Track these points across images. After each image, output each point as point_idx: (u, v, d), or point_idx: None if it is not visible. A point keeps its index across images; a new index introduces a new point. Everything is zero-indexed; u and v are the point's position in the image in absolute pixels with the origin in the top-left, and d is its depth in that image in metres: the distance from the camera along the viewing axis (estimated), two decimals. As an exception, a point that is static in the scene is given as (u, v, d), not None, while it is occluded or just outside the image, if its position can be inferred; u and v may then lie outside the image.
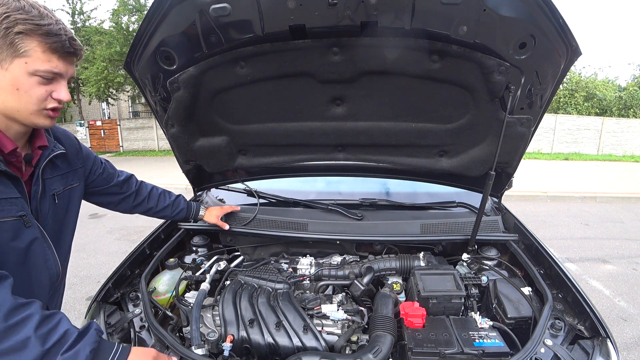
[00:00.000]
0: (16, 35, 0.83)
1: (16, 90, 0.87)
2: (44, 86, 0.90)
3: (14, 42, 0.83)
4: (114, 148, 16.22)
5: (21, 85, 0.87)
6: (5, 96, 0.88)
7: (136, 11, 14.04)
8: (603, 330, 1.14)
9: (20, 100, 0.89)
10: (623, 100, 18.29)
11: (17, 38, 0.83)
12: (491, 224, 1.81)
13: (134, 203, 1.54)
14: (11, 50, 0.84)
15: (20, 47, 0.84)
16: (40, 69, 0.87)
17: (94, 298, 1.36)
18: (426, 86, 1.41)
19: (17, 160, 1.00)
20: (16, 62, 0.85)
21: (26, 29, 0.84)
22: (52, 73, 0.90)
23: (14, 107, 0.90)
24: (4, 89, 0.87)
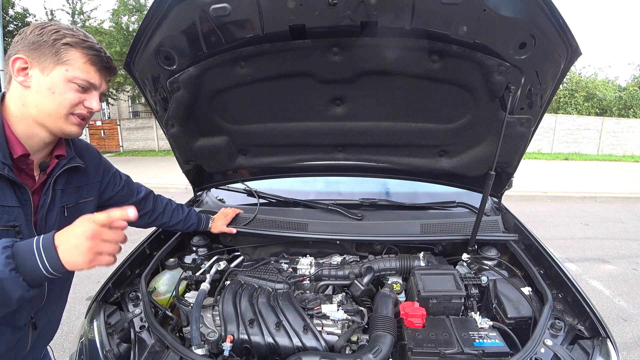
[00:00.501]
0: (62, 45, 0.93)
1: (52, 94, 0.93)
2: (78, 93, 0.97)
3: (59, 51, 0.92)
4: (114, 148, 16.22)
5: (57, 89, 0.93)
6: (40, 99, 0.93)
7: (136, 11, 14.05)
8: (603, 330, 1.14)
9: (53, 102, 0.94)
10: (623, 100, 18.30)
11: (62, 48, 0.93)
12: (491, 224, 1.81)
13: (149, 220, 1.57)
14: (55, 58, 0.92)
15: (63, 56, 0.93)
16: (79, 76, 0.95)
17: (94, 298, 1.36)
18: (426, 86, 1.40)
19: (28, 168, 0.99)
20: (57, 69, 0.93)
21: (72, 41, 0.94)
22: (88, 83, 0.97)
23: (46, 110, 0.94)
24: (40, 92, 0.93)
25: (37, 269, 0.76)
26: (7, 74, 0.96)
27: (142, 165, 11.53)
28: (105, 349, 1.15)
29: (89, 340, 1.19)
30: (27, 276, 0.76)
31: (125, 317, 1.29)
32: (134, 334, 1.22)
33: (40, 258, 0.77)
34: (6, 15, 12.43)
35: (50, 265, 0.77)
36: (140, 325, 1.24)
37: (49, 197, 1.03)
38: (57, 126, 0.97)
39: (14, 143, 0.94)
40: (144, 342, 1.19)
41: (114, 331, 1.23)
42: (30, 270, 0.76)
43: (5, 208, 0.91)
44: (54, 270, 0.78)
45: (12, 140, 0.94)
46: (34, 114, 0.95)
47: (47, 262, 0.77)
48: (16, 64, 0.93)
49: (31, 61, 0.93)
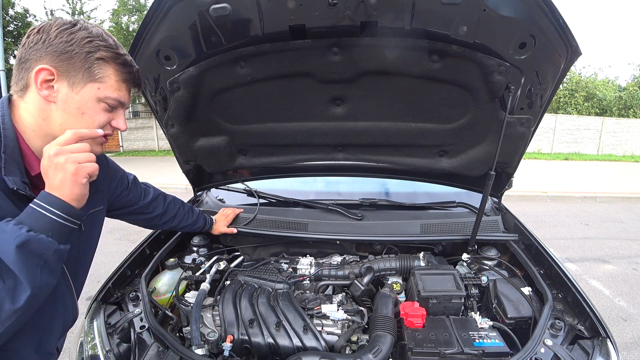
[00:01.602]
0: (96, 60, 0.84)
1: (81, 115, 0.85)
2: (107, 113, 0.90)
3: (92, 67, 0.83)
4: (114, 148, 16.21)
5: (88, 109, 0.86)
6: (67, 118, 0.85)
7: (136, 11, 14.06)
8: (603, 330, 1.14)
9: (82, 124, 0.86)
10: (623, 100, 18.30)
11: (96, 63, 0.84)
12: (491, 224, 1.81)
13: (160, 222, 1.55)
14: (87, 74, 0.83)
15: (97, 73, 0.84)
16: (111, 96, 0.87)
17: (94, 298, 1.36)
18: (426, 86, 1.40)
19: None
20: (89, 86, 0.84)
21: (107, 56, 0.85)
22: (118, 102, 0.90)
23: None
24: (68, 111, 0.84)
25: (49, 219, 0.76)
26: (23, 81, 0.84)
27: (142, 165, 11.53)
28: (105, 349, 1.15)
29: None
30: (46, 231, 0.75)
31: (125, 317, 1.29)
32: (134, 334, 1.22)
33: (43, 208, 0.76)
34: (6, 15, 12.43)
35: (57, 207, 0.77)
36: (141, 325, 1.24)
37: None
38: None
39: (31, 159, 0.86)
40: (144, 342, 1.19)
41: (114, 331, 1.23)
42: (45, 224, 0.75)
43: None
44: (63, 212, 0.77)
45: (29, 155, 0.86)
46: (57, 132, 0.84)
47: (52, 207, 0.77)
48: (40, 75, 0.81)
49: (59, 74, 0.82)
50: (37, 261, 0.73)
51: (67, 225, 0.79)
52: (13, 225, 0.72)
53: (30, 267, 0.72)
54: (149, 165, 11.64)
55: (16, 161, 0.82)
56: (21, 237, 0.71)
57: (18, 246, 0.70)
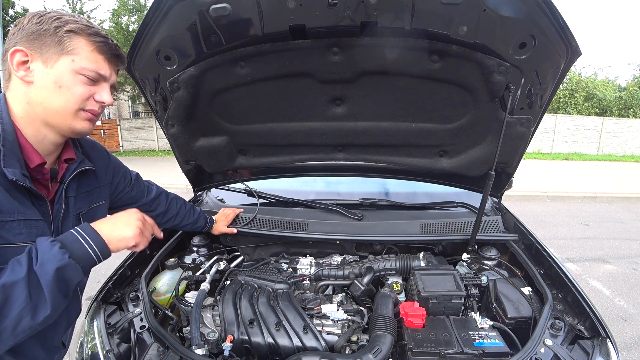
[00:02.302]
0: (65, 33, 0.84)
1: (59, 88, 0.84)
2: (88, 86, 0.89)
3: (62, 40, 0.83)
4: (114, 148, 16.20)
5: (64, 82, 0.85)
6: (46, 95, 0.85)
7: (136, 11, 14.05)
8: (603, 330, 1.14)
9: (61, 98, 0.85)
10: (623, 100, 18.30)
11: (66, 36, 0.84)
12: (491, 224, 1.81)
13: (161, 221, 1.55)
14: (59, 48, 0.83)
15: (68, 45, 0.84)
16: (87, 67, 0.86)
17: (94, 298, 1.36)
18: (426, 86, 1.40)
19: (44, 178, 0.92)
20: (62, 60, 0.84)
21: (76, 27, 0.85)
22: (98, 74, 0.89)
23: (54, 107, 0.86)
24: (46, 88, 0.84)
25: (87, 254, 0.83)
26: (6, 71, 0.85)
27: (142, 165, 11.52)
28: (105, 349, 1.15)
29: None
30: (80, 262, 0.81)
31: (125, 317, 1.29)
32: (134, 334, 1.22)
33: (86, 242, 0.84)
34: (6, 15, 12.43)
35: (98, 246, 0.85)
36: (141, 326, 1.24)
37: (63, 205, 0.96)
38: (66, 124, 0.89)
39: (30, 151, 0.86)
40: (144, 342, 1.19)
41: (114, 331, 1.23)
42: (82, 257, 0.82)
43: (32, 222, 0.84)
44: (101, 253, 0.86)
45: (28, 149, 0.86)
46: (40, 112, 0.86)
47: (94, 244, 0.85)
48: (15, 57, 0.83)
49: (32, 53, 0.83)
50: (64, 286, 0.78)
51: (95, 262, 0.86)
52: (59, 249, 0.78)
53: (58, 290, 0.77)
54: (149, 165, 11.63)
55: (15, 154, 0.83)
56: (63, 262, 0.76)
57: (57, 269, 0.76)
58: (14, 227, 0.80)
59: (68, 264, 0.77)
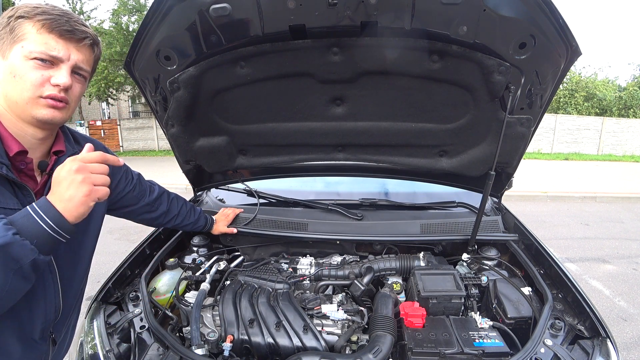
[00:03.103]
0: (15, 20, 0.82)
1: (13, 78, 0.82)
2: (41, 70, 0.83)
3: (13, 29, 0.82)
4: (114, 148, 16.21)
5: (17, 70, 0.82)
6: (5, 87, 0.83)
7: (136, 11, 14.06)
8: (603, 330, 1.14)
9: (16, 87, 0.82)
10: (623, 100, 18.31)
11: (16, 23, 0.81)
12: (491, 224, 1.81)
13: (164, 221, 1.55)
14: (11, 36, 0.82)
15: (17, 32, 0.82)
16: (35, 50, 0.81)
17: (94, 298, 1.36)
18: (426, 86, 1.40)
19: (28, 168, 0.90)
20: (14, 49, 0.82)
21: (26, 11, 0.82)
22: (49, 55, 0.83)
23: (13, 98, 0.84)
24: (5, 80, 0.83)
25: (40, 228, 0.74)
26: None
27: (142, 165, 11.52)
28: (105, 349, 1.15)
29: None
30: (32, 238, 0.73)
31: (125, 317, 1.29)
32: (134, 334, 1.22)
33: (38, 216, 0.75)
34: (6, 15, 12.41)
35: (52, 220, 0.75)
36: (141, 326, 1.24)
37: None
38: (27, 114, 0.85)
39: (8, 140, 0.85)
40: (144, 342, 1.19)
41: (114, 331, 1.23)
42: (34, 231, 0.74)
43: (7, 210, 0.81)
44: (57, 225, 0.76)
45: (6, 137, 0.85)
46: (9, 105, 0.85)
47: (47, 217, 0.75)
48: None
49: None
50: (13, 265, 0.71)
51: (55, 238, 0.77)
52: (2, 225, 0.71)
53: (3, 268, 0.70)
54: (149, 165, 11.64)
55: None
56: (5, 239, 0.69)
57: (0, 247, 0.69)
58: None
59: (12, 241, 0.69)
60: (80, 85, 0.93)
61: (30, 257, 0.73)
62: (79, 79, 0.92)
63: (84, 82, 0.94)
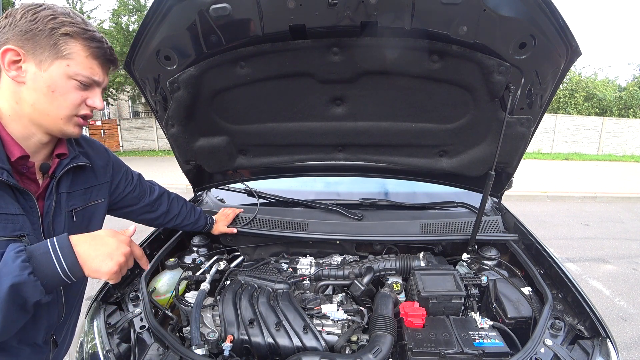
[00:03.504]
0: (61, 36, 0.82)
1: (51, 93, 0.83)
2: (81, 92, 0.88)
3: (57, 43, 0.82)
4: (114, 148, 16.20)
5: (58, 87, 0.84)
6: (38, 97, 0.83)
7: (136, 11, 14.05)
8: (603, 330, 1.14)
9: (53, 103, 0.84)
10: (623, 100, 18.31)
11: (61, 39, 0.82)
12: (491, 224, 1.81)
13: (164, 221, 1.55)
14: (54, 51, 0.82)
15: (63, 49, 0.83)
16: (82, 73, 0.86)
17: (94, 298, 1.36)
18: (426, 86, 1.40)
19: (30, 171, 0.90)
20: (57, 64, 0.83)
21: (72, 31, 0.83)
22: (92, 80, 0.88)
23: (45, 110, 0.85)
24: (38, 90, 0.83)
25: (54, 272, 0.74)
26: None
27: (142, 165, 11.52)
28: (105, 349, 1.15)
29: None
30: (44, 280, 0.72)
31: (125, 317, 1.29)
32: (134, 334, 1.22)
33: (58, 260, 0.74)
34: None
35: (69, 269, 0.75)
36: (141, 326, 1.24)
37: (53, 201, 0.94)
38: (56, 127, 0.88)
39: (11, 144, 0.84)
40: (144, 342, 1.19)
41: (114, 331, 1.23)
42: (48, 274, 0.73)
43: (9, 216, 0.81)
44: (71, 274, 0.75)
45: (8, 142, 0.84)
46: (30, 112, 0.85)
47: (66, 265, 0.75)
48: (7, 56, 0.80)
49: (24, 53, 0.81)
50: (19, 301, 0.71)
51: (64, 282, 0.76)
52: (21, 262, 0.70)
53: (11, 306, 0.70)
54: (149, 165, 11.64)
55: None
56: (20, 278, 0.69)
57: (12, 285, 0.68)
58: None
59: (26, 281, 0.69)
60: None
61: (37, 298, 0.72)
62: None
63: None
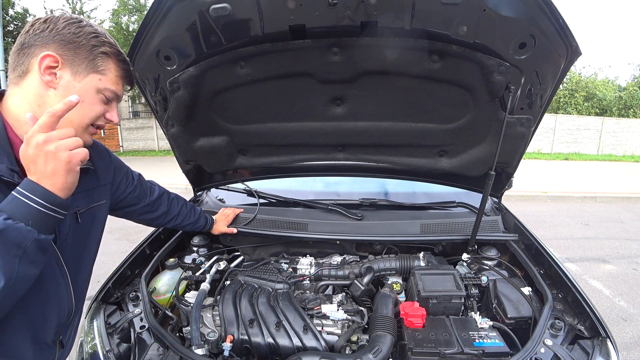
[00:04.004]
0: (100, 54, 0.90)
1: (81, 102, 0.85)
2: (104, 105, 0.95)
3: (95, 59, 0.90)
4: (114, 148, 16.20)
5: (87, 98, 0.90)
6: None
7: (136, 11, 14.06)
8: (603, 330, 1.14)
9: (80, 111, 0.88)
10: (623, 100, 18.31)
11: (99, 57, 0.90)
12: (491, 224, 1.81)
13: (164, 221, 1.55)
14: (91, 65, 0.89)
15: (99, 65, 0.90)
16: (110, 88, 0.93)
17: (94, 298, 1.36)
18: (426, 86, 1.40)
19: None
20: (90, 77, 0.90)
21: (110, 51, 0.92)
22: (115, 95, 0.97)
23: (69, 117, 0.85)
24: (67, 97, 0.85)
25: (30, 208, 0.72)
26: (23, 67, 0.85)
27: (142, 165, 11.51)
28: (105, 349, 1.15)
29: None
30: (26, 220, 0.71)
31: (125, 317, 1.29)
32: (134, 334, 1.22)
33: (25, 196, 0.73)
34: (6, 15, 12.43)
35: (42, 198, 0.73)
36: (141, 325, 1.24)
37: None
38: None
39: (20, 146, 0.83)
40: (144, 342, 1.19)
41: (114, 331, 1.23)
42: (26, 213, 0.72)
43: None
44: (48, 202, 0.74)
45: (18, 144, 0.84)
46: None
47: (36, 196, 0.73)
48: (45, 61, 0.83)
49: (63, 62, 0.85)
50: (15, 251, 0.70)
51: (51, 215, 0.76)
52: None
53: (6, 256, 0.69)
54: (149, 165, 11.64)
55: (4, 148, 0.82)
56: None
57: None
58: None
59: (5, 226, 0.68)
60: None
61: (30, 238, 0.71)
62: None
63: None
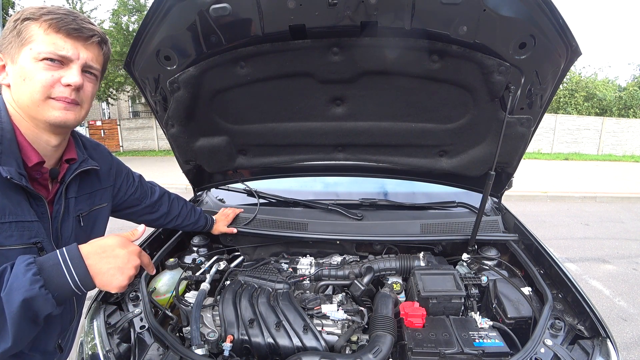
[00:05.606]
0: (22, 22, 0.81)
1: (23, 81, 0.81)
2: (51, 71, 0.82)
3: (20, 32, 0.80)
4: (114, 148, 16.20)
5: (27, 73, 0.80)
6: (16, 91, 0.82)
7: (136, 11, 14.05)
8: (603, 330, 1.14)
9: (26, 89, 0.81)
10: (623, 100, 18.31)
11: (23, 26, 0.80)
12: (491, 224, 1.81)
13: (164, 222, 1.55)
14: (18, 40, 0.81)
15: (25, 35, 0.80)
16: (44, 50, 0.80)
17: (94, 298, 1.36)
18: (426, 86, 1.40)
19: (43, 177, 0.90)
20: (23, 52, 0.81)
21: (31, 13, 0.81)
22: (58, 55, 0.81)
23: (24, 102, 0.82)
24: (16, 84, 0.82)
25: (65, 284, 0.72)
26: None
27: (142, 165, 11.52)
28: (105, 349, 1.15)
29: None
30: (55, 292, 0.71)
31: (125, 317, 1.29)
32: (134, 334, 1.22)
33: (69, 272, 0.72)
34: (6, 15, 12.43)
35: (80, 281, 0.73)
36: (141, 326, 1.24)
37: (62, 206, 0.93)
38: (39, 116, 0.84)
39: (28, 150, 0.85)
40: (144, 342, 1.19)
41: (114, 331, 1.23)
42: (59, 286, 0.72)
43: (25, 224, 0.81)
44: (82, 285, 0.74)
45: (26, 147, 0.84)
46: (21, 110, 0.84)
47: (77, 277, 0.73)
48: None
49: (3, 55, 0.82)
50: (31, 316, 0.70)
51: (75, 294, 0.75)
52: (31, 276, 0.68)
53: (23, 320, 0.68)
54: (149, 165, 11.63)
55: (13, 152, 0.81)
56: (32, 292, 0.67)
57: (24, 300, 0.67)
58: (4, 229, 0.77)
59: (37, 295, 0.67)
60: (92, 84, 0.92)
61: (49, 311, 0.71)
62: (90, 78, 0.91)
63: (95, 81, 0.93)
